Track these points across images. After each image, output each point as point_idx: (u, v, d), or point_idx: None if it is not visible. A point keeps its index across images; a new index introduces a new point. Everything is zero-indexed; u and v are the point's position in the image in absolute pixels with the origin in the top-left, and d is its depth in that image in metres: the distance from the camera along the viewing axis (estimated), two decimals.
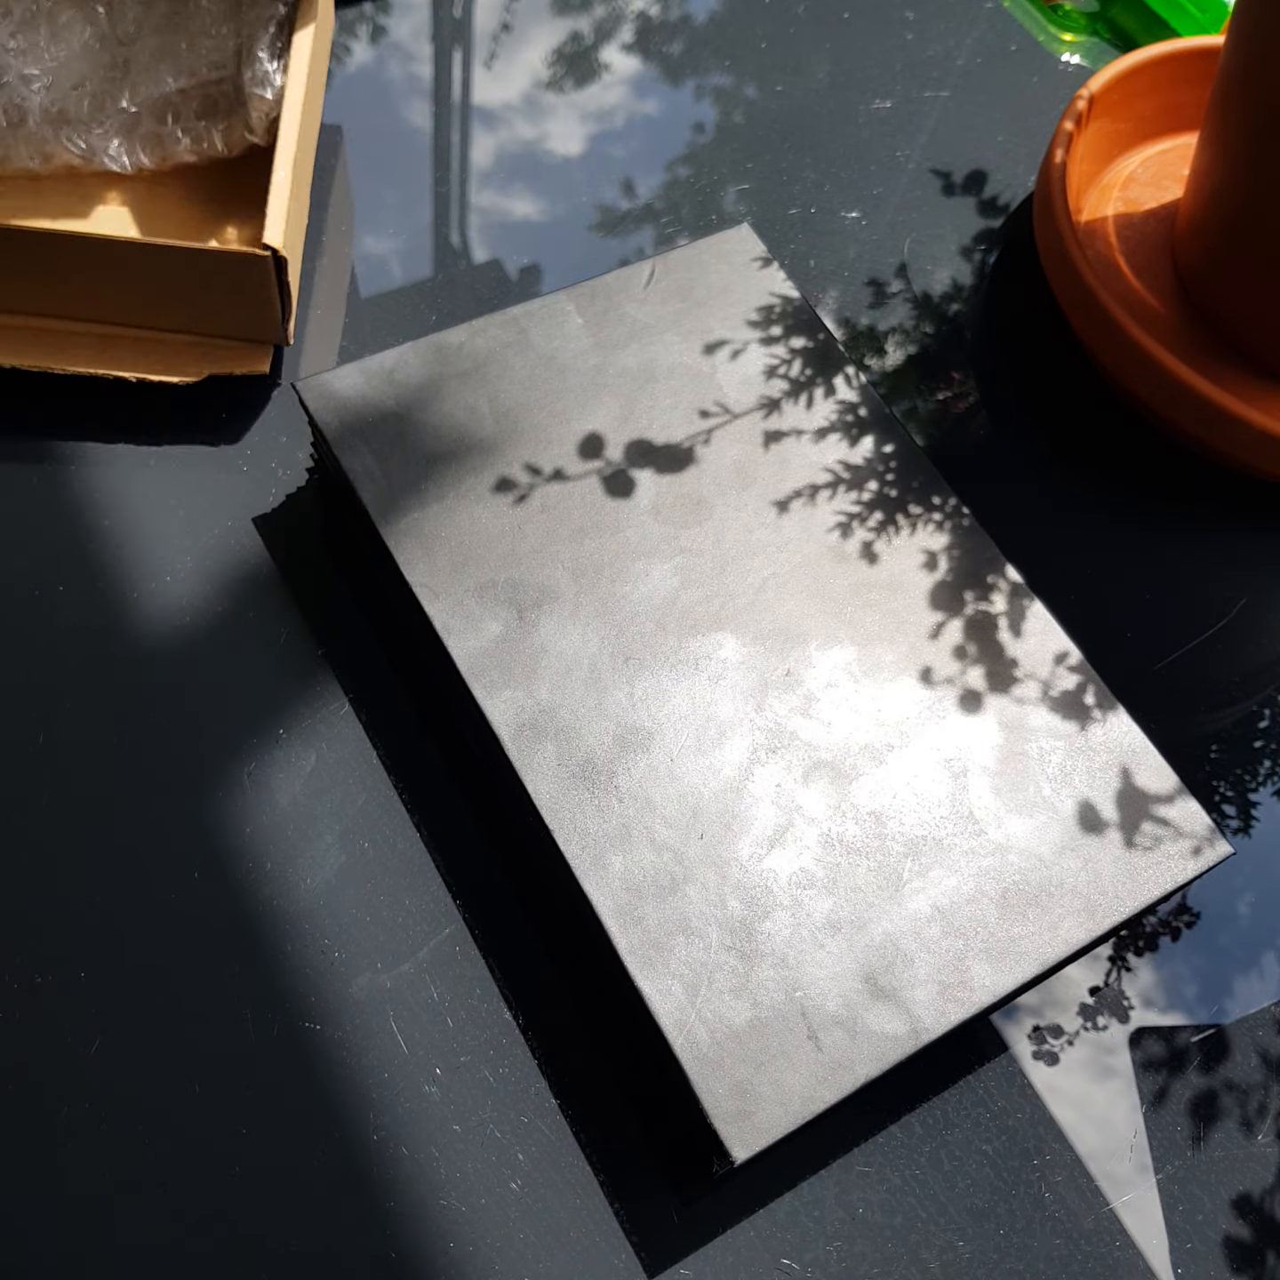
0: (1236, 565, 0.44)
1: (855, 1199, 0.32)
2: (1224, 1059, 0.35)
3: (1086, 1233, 0.33)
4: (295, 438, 0.42)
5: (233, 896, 0.34)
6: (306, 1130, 0.32)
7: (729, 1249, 0.31)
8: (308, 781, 0.36)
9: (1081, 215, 0.49)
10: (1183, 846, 0.33)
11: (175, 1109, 0.32)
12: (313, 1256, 0.31)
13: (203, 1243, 0.30)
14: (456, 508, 0.37)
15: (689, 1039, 0.30)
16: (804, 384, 0.40)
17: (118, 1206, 0.31)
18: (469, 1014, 0.33)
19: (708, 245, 0.43)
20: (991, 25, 0.58)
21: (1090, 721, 0.35)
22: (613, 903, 0.31)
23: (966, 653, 0.36)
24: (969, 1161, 0.33)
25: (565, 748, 0.33)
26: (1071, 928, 0.32)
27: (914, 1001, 0.31)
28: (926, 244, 0.49)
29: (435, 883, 0.35)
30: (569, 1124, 0.32)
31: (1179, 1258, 0.33)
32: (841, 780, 0.34)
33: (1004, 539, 0.38)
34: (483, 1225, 0.31)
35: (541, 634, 0.35)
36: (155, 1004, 0.33)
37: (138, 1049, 0.32)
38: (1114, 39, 0.58)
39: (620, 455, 0.38)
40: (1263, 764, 0.40)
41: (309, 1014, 0.33)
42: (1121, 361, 0.44)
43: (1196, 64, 0.50)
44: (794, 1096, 0.29)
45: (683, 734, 0.34)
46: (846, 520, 0.38)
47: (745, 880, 0.32)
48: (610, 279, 0.42)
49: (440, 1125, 0.32)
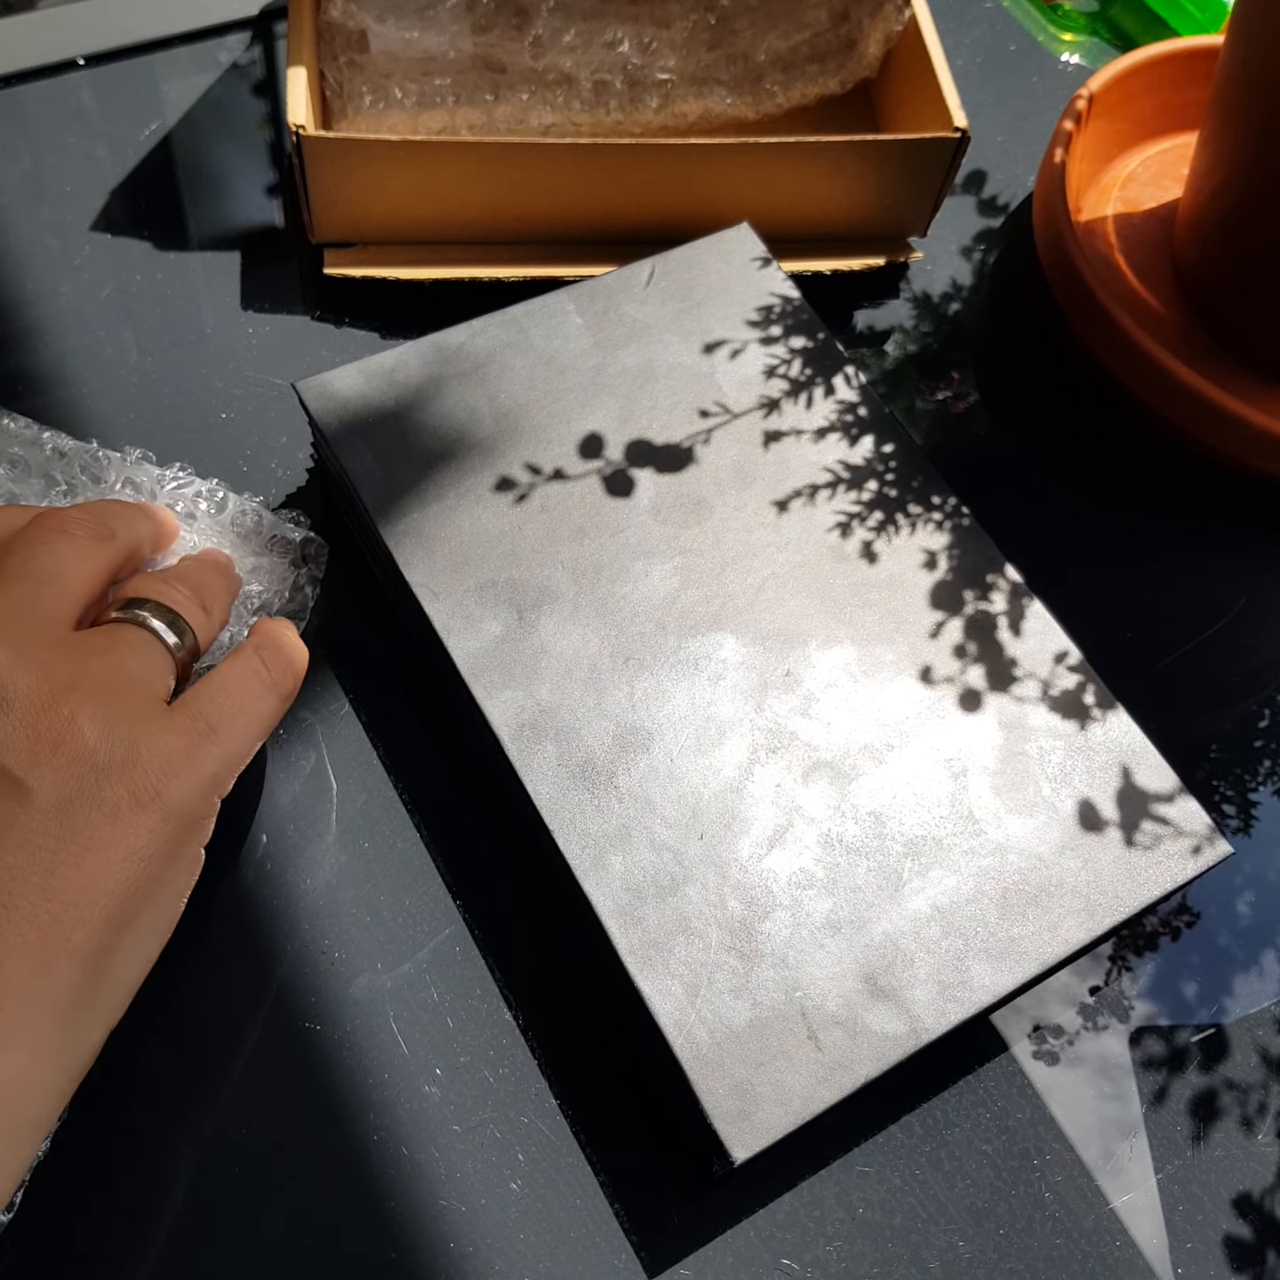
0: (1236, 565, 0.44)
1: (855, 1199, 0.32)
2: (1224, 1059, 0.35)
3: (1086, 1233, 0.33)
4: (295, 438, 0.42)
5: (233, 896, 0.34)
6: (306, 1130, 0.32)
7: (729, 1249, 0.31)
8: (308, 781, 0.36)
9: (1081, 215, 0.49)
10: (1182, 846, 0.33)
11: (174, 1109, 0.32)
12: (312, 1256, 0.31)
13: (202, 1242, 0.30)
14: (456, 508, 0.37)
15: (689, 1039, 0.30)
16: (804, 384, 0.40)
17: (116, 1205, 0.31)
18: (469, 1014, 0.33)
19: (707, 245, 0.43)
20: (991, 25, 0.58)
21: (1090, 721, 0.35)
22: (613, 903, 0.31)
23: (966, 652, 0.36)
24: (969, 1161, 0.33)
25: (565, 748, 0.33)
26: (1071, 928, 0.32)
27: (914, 1001, 0.31)
28: (926, 243, 0.49)
29: (435, 883, 0.35)
30: (569, 1124, 0.32)
31: (1179, 1258, 0.33)
32: (841, 780, 0.34)
33: (1004, 539, 0.38)
34: (483, 1225, 0.31)
35: (541, 634, 0.35)
36: (155, 1004, 0.33)
37: (137, 1049, 0.32)
38: (1114, 39, 0.58)
39: (620, 455, 0.38)
40: (1263, 764, 0.40)
41: (309, 1014, 0.33)
42: (1121, 361, 0.44)
43: (1196, 64, 0.50)
44: (794, 1096, 0.29)
45: (683, 734, 0.34)
46: (846, 520, 0.38)
47: (745, 880, 0.32)
48: (610, 279, 0.42)
49: (440, 1125, 0.32)
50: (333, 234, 0.45)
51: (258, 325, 0.45)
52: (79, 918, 0.26)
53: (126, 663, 0.29)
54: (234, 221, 0.48)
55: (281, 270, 0.46)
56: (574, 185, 0.44)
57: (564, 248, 0.46)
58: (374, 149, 0.42)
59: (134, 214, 0.47)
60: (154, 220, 0.47)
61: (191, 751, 0.29)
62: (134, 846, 0.27)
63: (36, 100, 0.50)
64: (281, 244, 0.47)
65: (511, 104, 0.47)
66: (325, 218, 0.44)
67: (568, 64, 0.48)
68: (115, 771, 0.27)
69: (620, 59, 0.48)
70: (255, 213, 0.48)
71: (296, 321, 0.45)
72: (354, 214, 0.44)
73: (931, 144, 0.45)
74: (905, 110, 0.49)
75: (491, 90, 0.47)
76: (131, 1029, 0.32)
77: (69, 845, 0.26)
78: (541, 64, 0.47)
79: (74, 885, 0.26)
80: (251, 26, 0.53)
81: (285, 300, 0.46)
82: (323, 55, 0.47)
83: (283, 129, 0.50)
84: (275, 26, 0.53)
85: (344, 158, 0.42)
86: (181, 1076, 0.32)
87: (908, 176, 0.46)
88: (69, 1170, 0.31)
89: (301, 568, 0.38)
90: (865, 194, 0.46)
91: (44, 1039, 0.26)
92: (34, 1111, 0.26)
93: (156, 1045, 0.32)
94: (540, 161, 0.43)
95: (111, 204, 0.47)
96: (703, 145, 0.43)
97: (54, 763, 0.27)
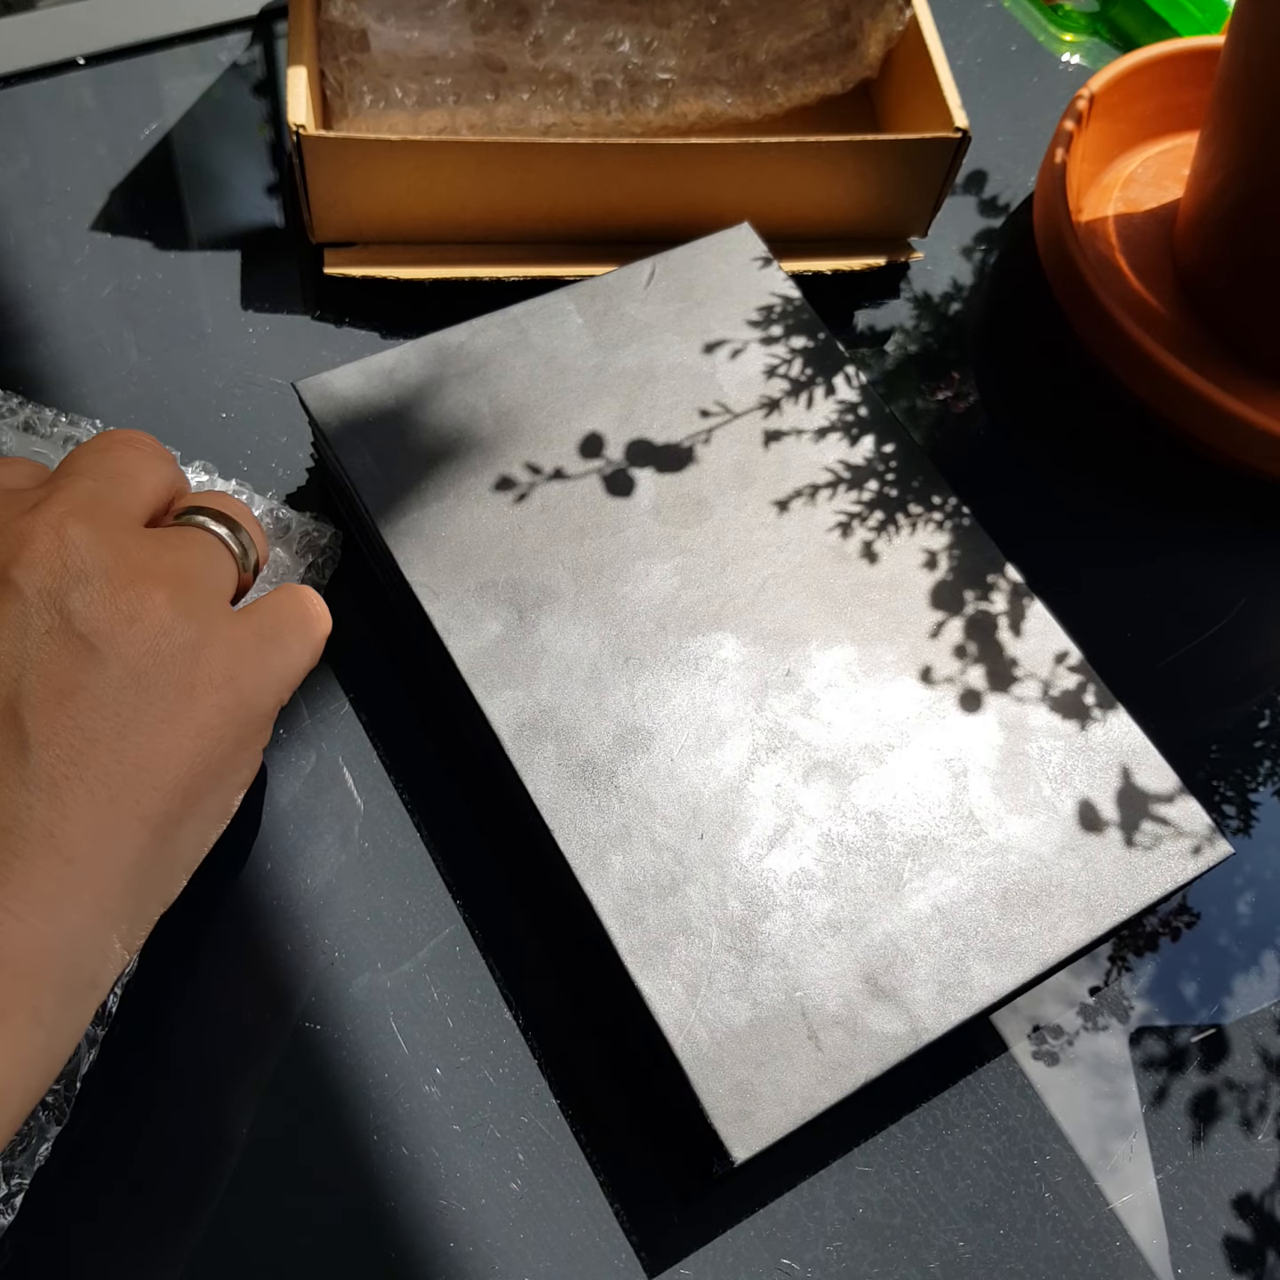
0: (1236, 565, 0.44)
1: (855, 1199, 0.32)
2: (1224, 1059, 0.35)
3: (1086, 1233, 0.33)
4: (295, 438, 0.42)
5: (233, 896, 0.34)
6: (306, 1130, 0.32)
7: (729, 1249, 0.31)
8: (308, 781, 0.36)
9: (1081, 215, 0.49)
10: (1183, 846, 0.33)
11: (174, 1109, 0.32)
12: (312, 1256, 0.31)
13: (201, 1243, 0.30)
14: (456, 508, 0.37)
15: (689, 1039, 0.30)
16: (804, 384, 0.40)
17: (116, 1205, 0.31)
18: (469, 1014, 0.33)
19: (708, 245, 0.43)
20: (991, 25, 0.58)
21: (1090, 721, 0.35)
22: (613, 903, 0.31)
23: (966, 652, 0.36)
24: (969, 1161, 0.33)
25: (565, 748, 0.33)
26: (1071, 928, 0.32)
27: (914, 1001, 0.31)
28: (927, 244, 0.49)
29: (435, 883, 0.35)
30: (569, 1124, 0.32)
31: (1179, 1258, 0.33)
32: (841, 780, 0.34)
33: (1004, 539, 0.38)
34: (483, 1225, 0.31)
35: (541, 634, 0.35)
36: (155, 1004, 0.33)
37: (137, 1049, 0.32)
38: (1114, 39, 0.58)
39: (620, 455, 0.38)
40: (1263, 764, 0.40)
41: (309, 1014, 0.33)
42: (1121, 361, 0.44)
43: (1196, 64, 0.50)
44: (794, 1096, 0.29)
45: (683, 734, 0.34)
46: (846, 520, 0.38)
47: (745, 880, 0.32)
48: (610, 279, 0.42)
49: (440, 1125, 0.32)
50: (333, 234, 0.45)
51: (258, 325, 0.45)
52: (149, 784, 0.26)
53: (196, 560, 0.30)
54: (234, 221, 0.48)
55: (281, 270, 0.46)
56: (574, 185, 0.44)
57: (564, 247, 0.46)
58: (374, 149, 0.42)
59: (134, 214, 0.47)
60: (154, 220, 0.47)
61: (260, 647, 0.30)
62: (207, 723, 0.28)
63: (36, 100, 0.50)
64: (281, 244, 0.47)
65: (512, 104, 0.47)
66: (325, 217, 0.44)
67: (568, 64, 0.48)
68: (190, 652, 0.28)
69: (621, 59, 0.48)
70: (255, 212, 0.48)
71: (296, 321, 0.45)
72: (354, 214, 0.44)
73: (932, 144, 0.45)
74: (906, 110, 0.49)
75: (492, 90, 0.47)
76: (131, 1028, 0.32)
77: (143, 714, 0.27)
78: (542, 64, 0.47)
79: (147, 752, 0.26)
80: (251, 26, 0.53)
81: (285, 300, 0.46)
82: (323, 55, 0.47)
83: (283, 128, 0.50)
84: (275, 26, 0.53)
85: (344, 157, 0.42)
86: (181, 1076, 0.32)
87: (908, 176, 0.46)
88: (69, 1170, 0.31)
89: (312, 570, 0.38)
90: (866, 194, 0.46)
91: (107, 899, 0.26)
92: (92, 972, 0.26)
93: (156, 1045, 0.32)
94: (541, 161, 0.43)
95: (111, 204, 0.47)
96: (703, 145, 0.43)
97: (130, 636, 0.27)
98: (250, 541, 0.32)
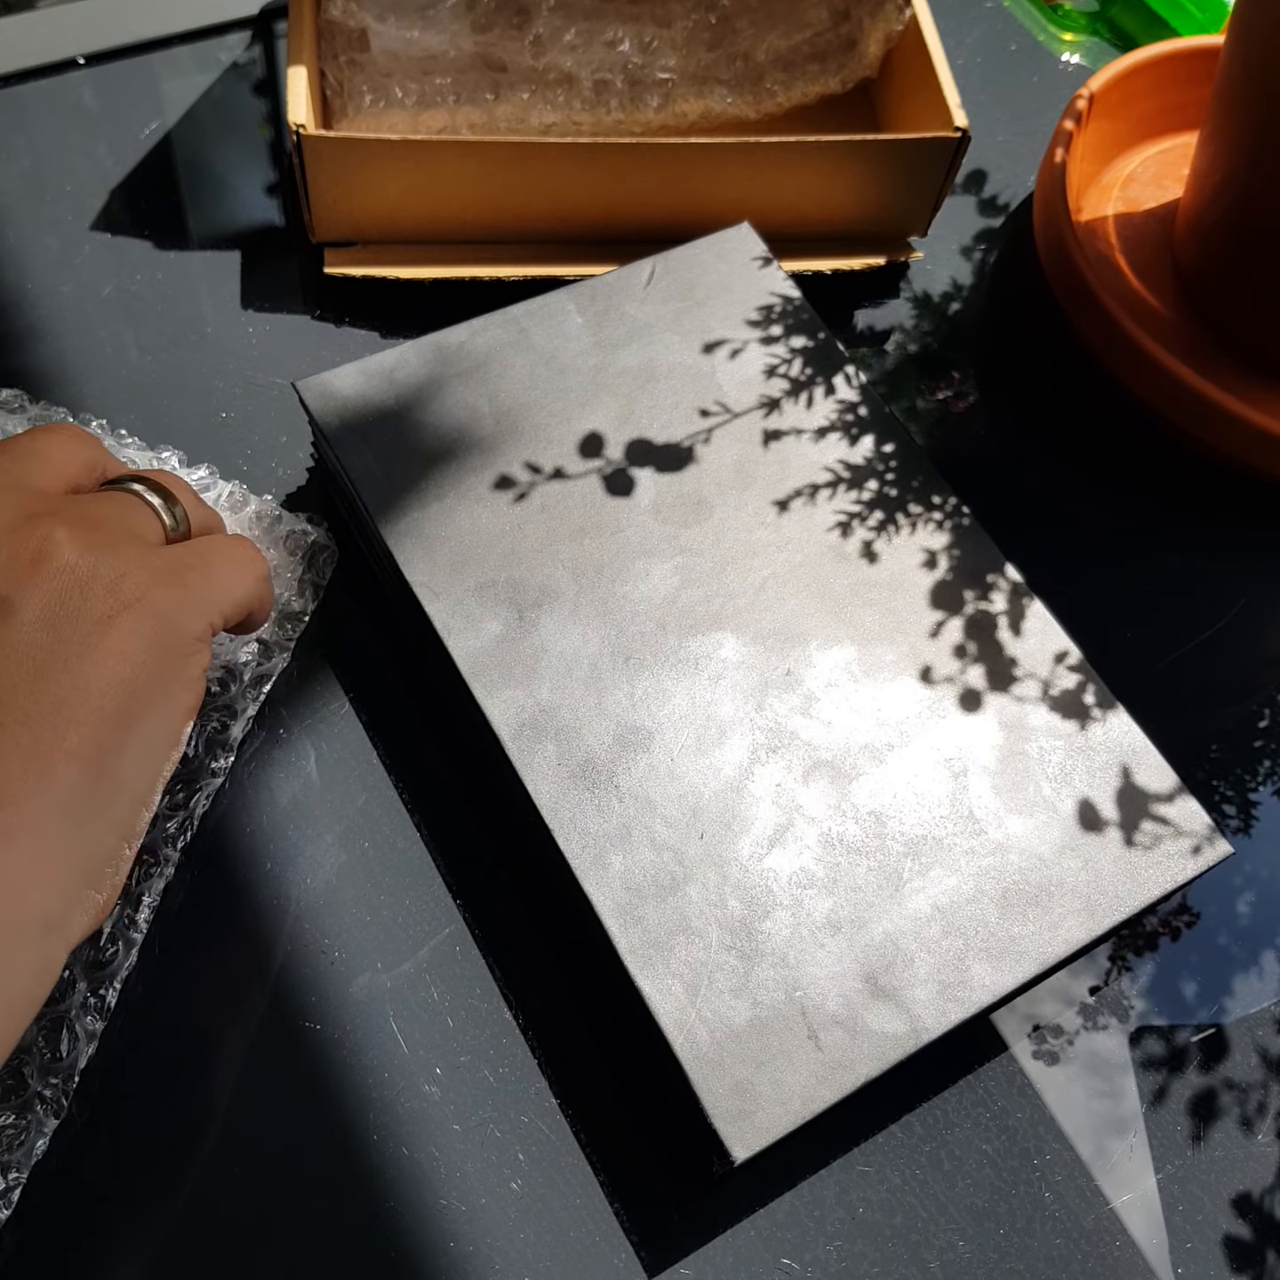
0: (1236, 565, 0.44)
1: (855, 1199, 0.32)
2: (1224, 1059, 0.35)
3: (1086, 1233, 0.33)
4: (295, 437, 0.42)
5: (233, 896, 0.34)
6: (306, 1130, 0.32)
7: (729, 1249, 0.31)
8: (308, 781, 0.36)
9: (1081, 215, 0.49)
10: (1183, 846, 0.33)
11: (174, 1108, 0.32)
12: (312, 1256, 0.31)
13: (201, 1241, 0.30)
14: (456, 507, 0.37)
15: (689, 1039, 0.30)
16: (804, 383, 0.40)
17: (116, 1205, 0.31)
18: (469, 1014, 0.33)
19: (708, 244, 0.43)
20: (991, 25, 0.58)
21: (1090, 721, 0.35)
22: (613, 902, 0.31)
23: (966, 652, 0.36)
24: (969, 1161, 0.33)
25: (565, 747, 0.33)
26: (1071, 928, 0.32)
27: (914, 1001, 0.31)
28: (927, 243, 0.49)
29: (435, 883, 0.35)
30: (569, 1124, 0.32)
31: (1179, 1258, 0.33)
32: (841, 780, 0.34)
33: (1004, 539, 0.38)
34: (483, 1225, 0.31)
35: (541, 634, 0.35)
36: (154, 1004, 0.33)
37: (137, 1048, 0.32)
38: (1114, 39, 0.58)
39: (620, 455, 0.38)
40: (1263, 764, 0.40)
41: (309, 1014, 0.33)
42: (1121, 361, 0.44)
43: (1196, 64, 0.50)
44: (794, 1096, 0.29)
45: (683, 734, 0.34)
46: (846, 520, 0.38)
47: (745, 880, 0.32)
48: (610, 278, 0.42)
49: (440, 1125, 0.32)
50: (333, 233, 0.45)
51: (258, 324, 0.45)
52: (71, 717, 0.26)
53: (107, 507, 0.30)
54: (234, 221, 0.48)
55: (281, 270, 0.46)
56: (574, 184, 0.44)
57: (564, 247, 0.46)
58: (374, 148, 0.42)
59: (134, 213, 0.47)
60: (154, 220, 0.47)
61: (176, 569, 0.29)
62: (124, 649, 0.28)
63: (37, 100, 0.50)
64: (281, 243, 0.47)
65: (512, 103, 0.47)
66: (325, 217, 0.44)
67: (568, 63, 0.48)
68: (99, 584, 0.28)
69: (621, 58, 0.48)
70: (255, 212, 0.48)
71: (296, 321, 0.45)
72: (354, 213, 0.44)
73: (932, 144, 0.45)
74: (905, 110, 0.49)
75: (492, 89, 0.47)
76: (131, 1028, 0.32)
77: (58, 652, 0.27)
78: (542, 63, 0.47)
79: (64, 687, 0.27)
80: (252, 26, 0.53)
81: (285, 300, 0.46)
82: (323, 54, 0.47)
83: (283, 128, 0.50)
84: (275, 26, 0.53)
85: (344, 157, 0.42)
86: (181, 1076, 0.32)
87: (908, 176, 0.46)
88: (68, 1169, 0.31)
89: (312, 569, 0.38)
90: (866, 194, 0.46)
91: (48, 837, 0.26)
92: (41, 911, 0.26)
93: (156, 1045, 0.32)
94: (540, 161, 0.43)
95: (111, 203, 0.47)
96: (703, 145, 0.43)
97: (35, 579, 0.27)
98: (184, 516, 0.32)
